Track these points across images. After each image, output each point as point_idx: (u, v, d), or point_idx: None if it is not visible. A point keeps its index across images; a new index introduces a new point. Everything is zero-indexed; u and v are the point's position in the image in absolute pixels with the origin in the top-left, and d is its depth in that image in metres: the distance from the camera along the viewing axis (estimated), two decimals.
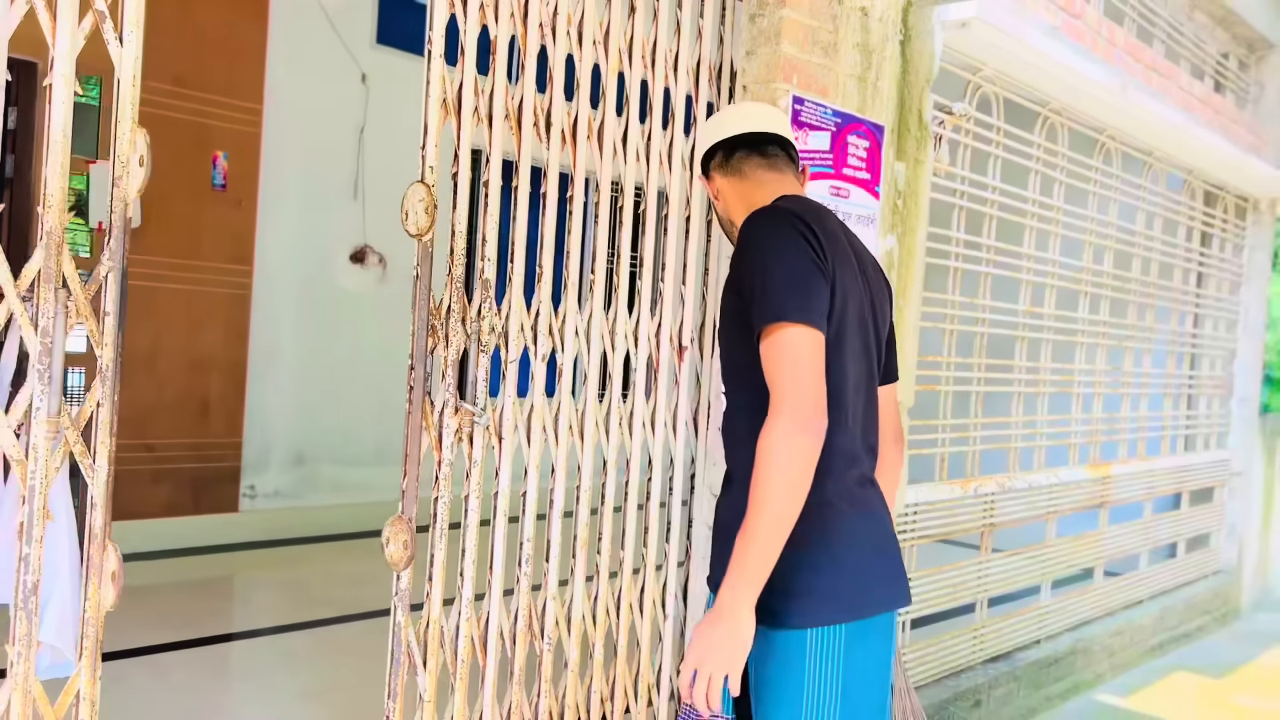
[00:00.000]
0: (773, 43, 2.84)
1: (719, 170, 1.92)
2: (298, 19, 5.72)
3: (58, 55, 1.73)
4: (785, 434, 1.49)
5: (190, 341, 5.37)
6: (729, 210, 1.90)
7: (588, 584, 2.68)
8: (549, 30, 2.50)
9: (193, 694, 3.53)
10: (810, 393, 1.52)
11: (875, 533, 1.70)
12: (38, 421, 1.74)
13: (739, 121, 1.92)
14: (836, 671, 1.61)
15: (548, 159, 2.52)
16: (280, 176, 5.72)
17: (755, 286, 1.58)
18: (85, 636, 1.82)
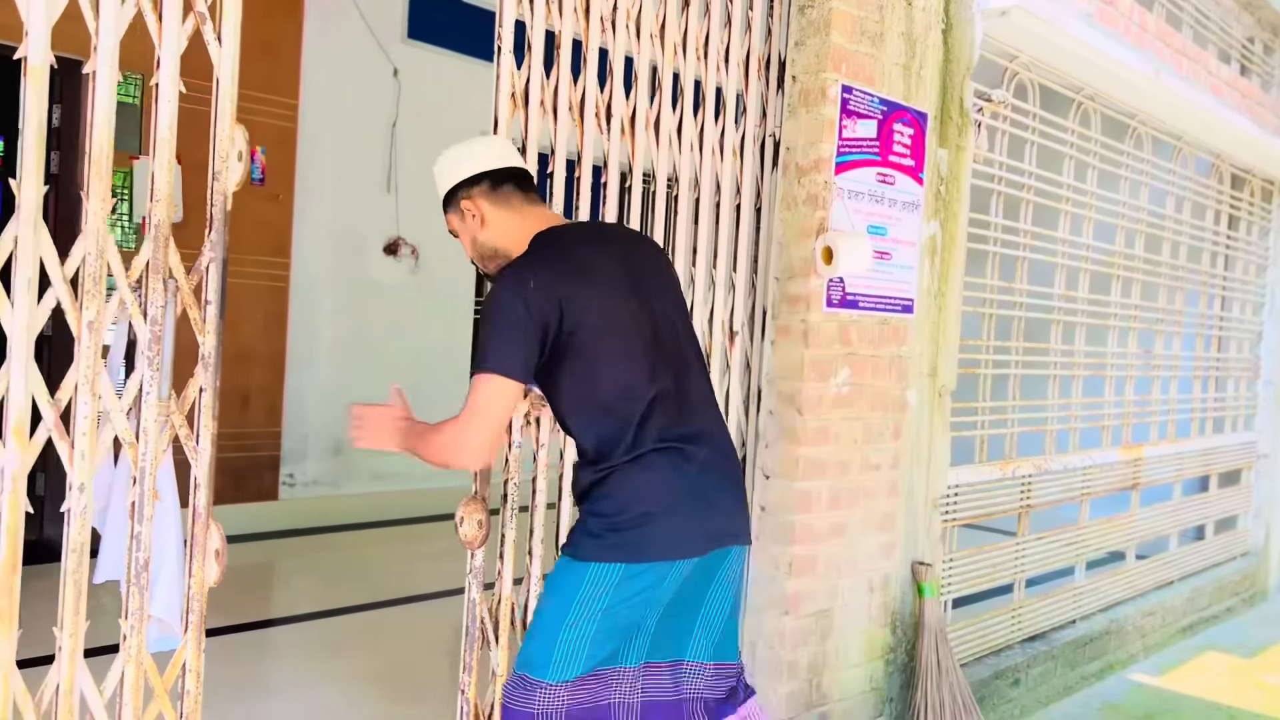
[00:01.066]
0: (822, 33, 2.91)
1: (485, 198, 2.04)
2: (331, 15, 5.79)
3: (164, 55, 1.81)
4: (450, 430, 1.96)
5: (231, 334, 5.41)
6: (494, 238, 2.04)
7: None
8: (609, 25, 2.57)
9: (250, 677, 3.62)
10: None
11: (668, 496, 1.96)
12: (147, 406, 1.82)
13: (498, 155, 2.09)
14: (605, 597, 1.93)
15: (608, 149, 2.59)
16: (316, 170, 5.80)
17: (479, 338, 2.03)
18: (190, 611, 1.91)
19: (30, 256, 1.67)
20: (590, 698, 1.98)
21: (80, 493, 1.75)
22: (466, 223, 2.04)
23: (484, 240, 2.03)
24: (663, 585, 1.98)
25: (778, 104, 3.00)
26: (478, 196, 2.03)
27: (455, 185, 2.03)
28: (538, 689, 1.93)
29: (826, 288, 2.95)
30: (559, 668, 1.93)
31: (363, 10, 5.95)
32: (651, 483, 1.95)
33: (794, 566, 2.93)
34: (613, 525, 1.93)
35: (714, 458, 2.05)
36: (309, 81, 5.71)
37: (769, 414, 3.00)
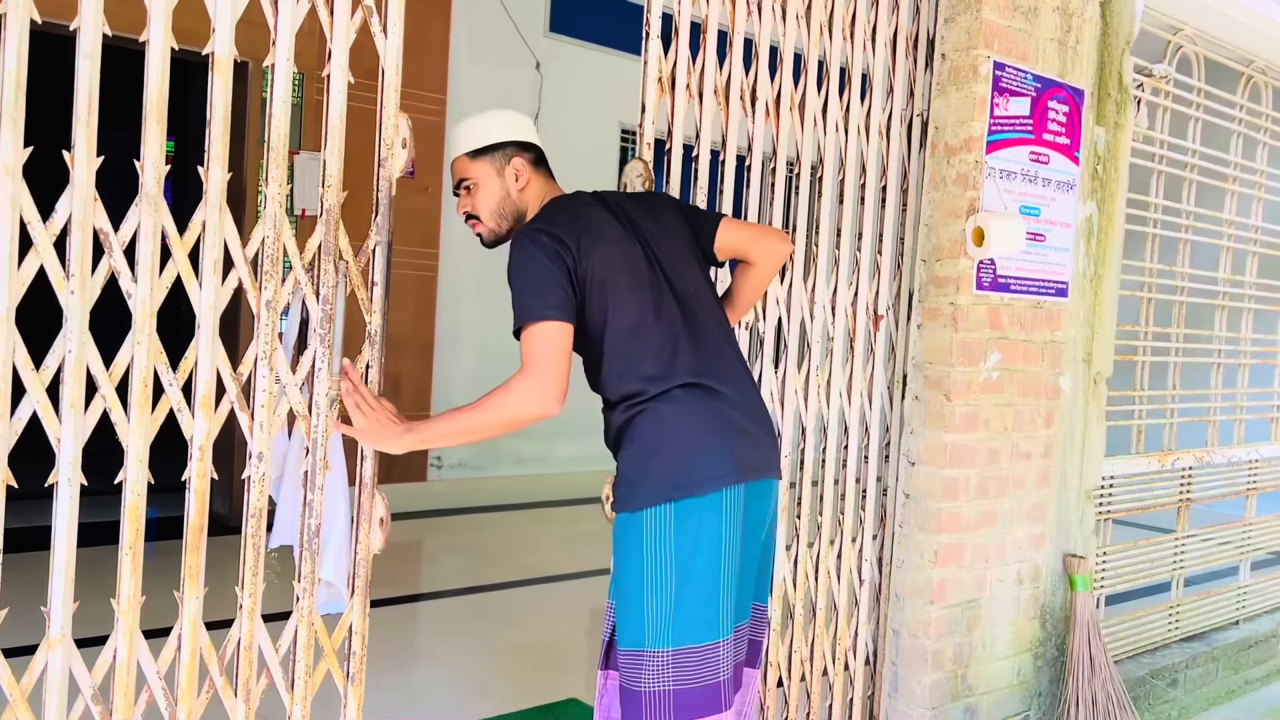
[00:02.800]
0: (973, 10, 2.84)
1: (530, 165, 2.09)
2: (477, 12, 5.96)
3: (335, 48, 1.91)
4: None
5: None
6: (526, 200, 2.08)
7: (786, 551, 2.76)
8: (754, 9, 2.57)
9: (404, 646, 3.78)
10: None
11: (697, 427, 1.96)
12: (319, 381, 1.93)
13: (531, 131, 2.17)
14: (668, 543, 1.91)
15: (752, 132, 2.60)
16: None
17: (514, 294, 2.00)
18: (356, 576, 2.01)
19: (216, 239, 1.79)
20: (696, 677, 1.92)
21: (259, 461, 1.86)
22: (503, 178, 2.06)
23: (515, 201, 2.07)
24: (721, 523, 1.93)
25: (926, 83, 2.94)
26: (527, 161, 2.09)
27: (507, 141, 2.07)
28: (643, 659, 1.91)
29: (977, 270, 2.88)
30: (656, 635, 1.90)
31: (507, 6, 6.10)
32: (680, 417, 1.95)
33: (939, 555, 2.88)
34: (646, 467, 1.94)
35: (740, 393, 2.05)
36: (456, 77, 5.90)
37: (915, 399, 2.96)
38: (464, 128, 2.09)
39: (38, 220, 1.62)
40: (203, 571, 1.82)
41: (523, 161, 2.07)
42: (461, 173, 2.08)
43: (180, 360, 1.77)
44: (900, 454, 2.98)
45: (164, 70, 1.72)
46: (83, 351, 1.67)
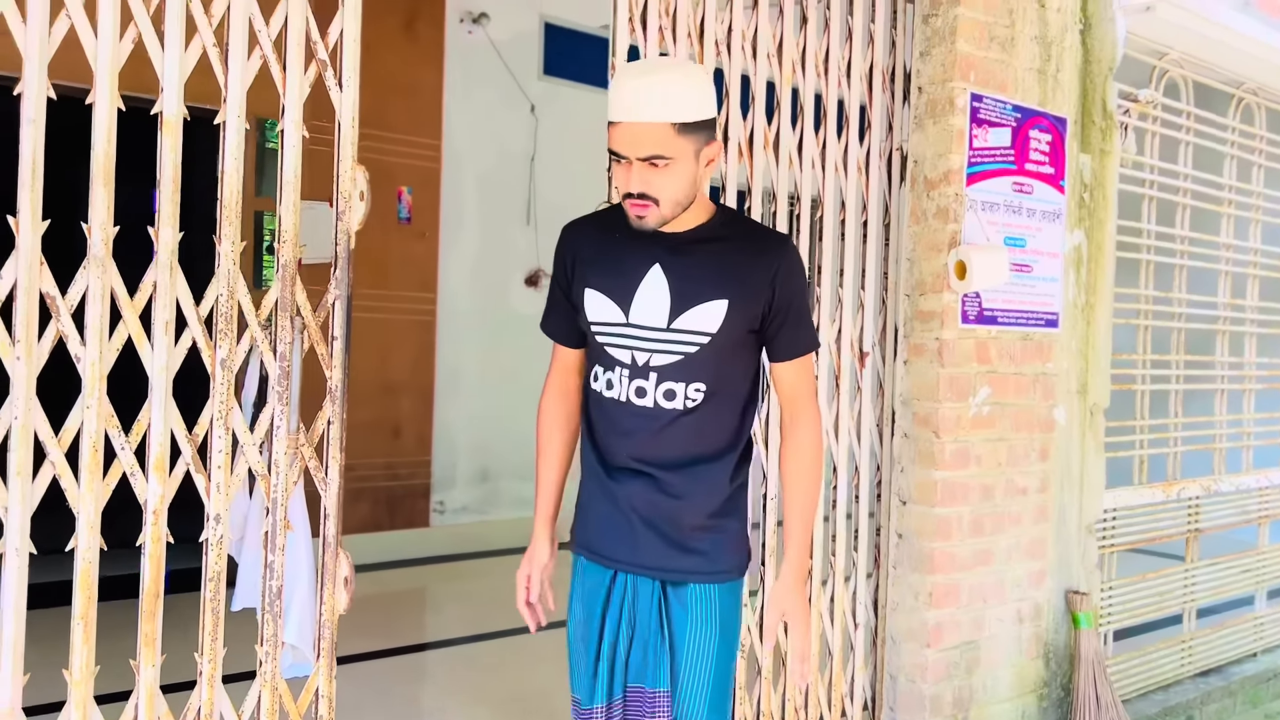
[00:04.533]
0: (948, 42, 2.81)
1: (718, 143, 1.73)
2: (471, 57, 5.99)
3: (288, 102, 1.89)
4: (822, 434, 1.85)
5: (382, 367, 5.67)
6: (701, 189, 1.73)
7: None
8: (723, 47, 2.55)
9: (400, 700, 3.72)
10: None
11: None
12: (278, 439, 1.90)
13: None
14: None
15: (725, 171, 2.57)
16: (458, 206, 5.99)
17: (801, 312, 1.79)
18: (322, 638, 1.97)
19: (168, 299, 1.77)
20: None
21: (216, 523, 1.83)
22: (694, 162, 1.65)
23: (696, 189, 1.70)
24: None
25: (904, 117, 2.92)
26: (715, 139, 1.71)
27: (711, 118, 1.67)
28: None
29: (961, 303, 2.83)
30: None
31: (500, 50, 6.13)
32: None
33: (935, 596, 2.81)
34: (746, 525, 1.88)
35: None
36: (451, 122, 5.91)
37: (904, 437, 2.90)
38: (671, 87, 1.62)
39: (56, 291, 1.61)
40: (159, 639, 1.78)
41: (718, 145, 1.72)
42: (659, 146, 1.61)
43: (134, 422, 1.75)
44: (891, 493, 2.92)
45: (110, 131, 1.71)
46: (29, 418, 1.65)
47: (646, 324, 1.72)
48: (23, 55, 1.64)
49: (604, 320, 1.75)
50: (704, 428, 1.75)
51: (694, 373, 1.72)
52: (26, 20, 1.64)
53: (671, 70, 1.66)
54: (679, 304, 1.71)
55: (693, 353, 1.71)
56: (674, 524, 1.76)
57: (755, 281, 1.72)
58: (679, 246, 1.73)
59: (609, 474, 1.78)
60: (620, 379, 1.75)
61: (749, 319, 1.73)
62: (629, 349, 1.74)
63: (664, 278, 1.72)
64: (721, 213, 1.79)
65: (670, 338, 1.72)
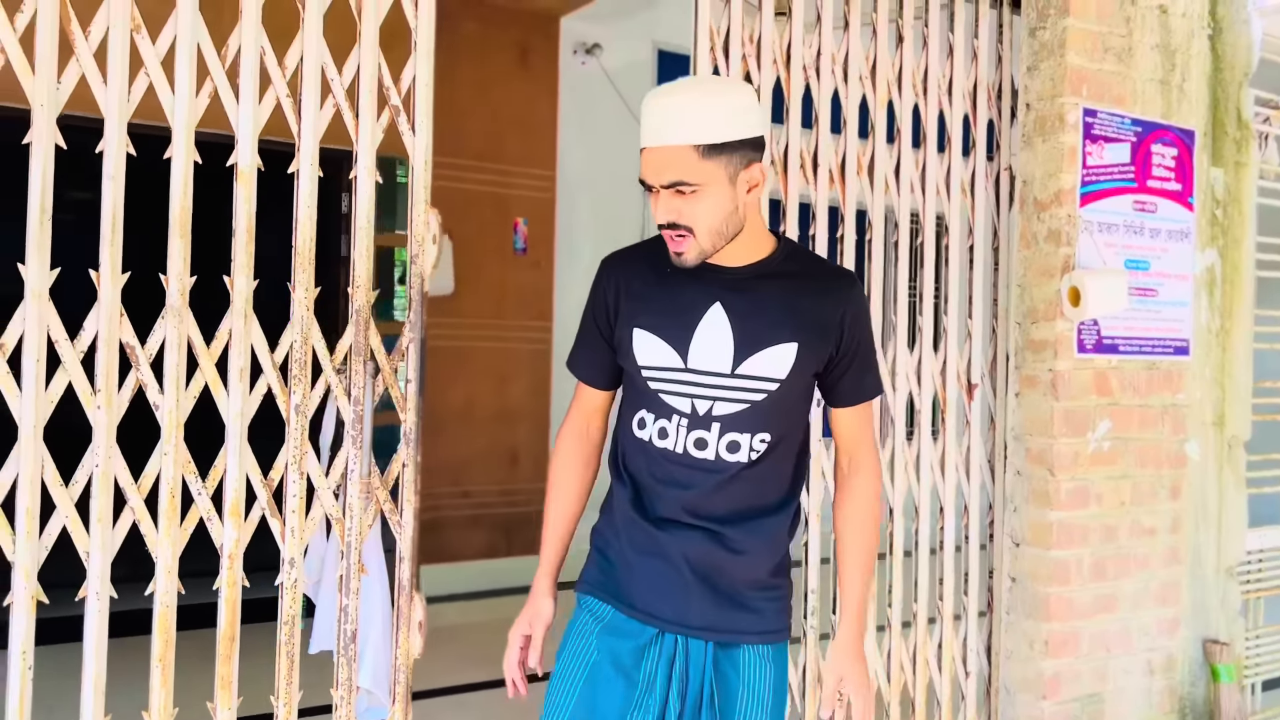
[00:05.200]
0: (1056, 55, 2.65)
1: (761, 166, 1.55)
2: (584, 87, 6.04)
3: (360, 149, 1.91)
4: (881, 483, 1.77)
5: (499, 395, 5.75)
6: (748, 216, 1.56)
7: (879, 635, 2.57)
8: (812, 71, 2.47)
9: None
10: None
11: None
12: (352, 483, 1.91)
13: (764, 117, 1.64)
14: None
15: (815, 199, 2.48)
16: (572, 235, 6.03)
17: (868, 356, 1.67)
18: (396, 682, 1.96)
19: (243, 346, 1.80)
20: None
21: (291, 567, 1.85)
22: (735, 186, 1.50)
23: (741, 215, 1.54)
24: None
25: (1011, 135, 2.76)
26: (762, 164, 1.55)
27: (751, 138, 1.51)
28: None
29: (1077, 331, 2.65)
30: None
31: (614, 78, 6.17)
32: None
33: (1051, 645, 2.63)
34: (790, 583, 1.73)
35: None
36: (565, 152, 5.96)
37: (1016, 474, 2.73)
38: (694, 106, 1.48)
39: (65, 338, 1.67)
40: (235, 682, 1.80)
41: (762, 168, 1.54)
42: (681, 171, 1.47)
43: (210, 468, 1.78)
44: (1003, 533, 2.76)
45: (187, 185, 1.76)
46: (110, 465, 1.70)
47: (708, 369, 1.58)
48: (104, 113, 1.70)
49: (657, 364, 1.60)
50: (766, 480, 1.62)
51: (760, 422, 1.59)
52: (107, 80, 1.70)
53: (696, 88, 1.53)
54: (744, 347, 1.57)
55: (759, 400, 1.57)
56: (733, 581, 1.62)
57: (825, 322, 1.59)
58: (740, 283, 1.59)
59: (657, 525, 1.62)
60: (677, 429, 1.60)
61: (817, 363, 1.60)
62: (688, 396, 1.59)
63: (726, 318, 1.57)
64: (784, 245, 1.65)
65: (735, 384, 1.57)
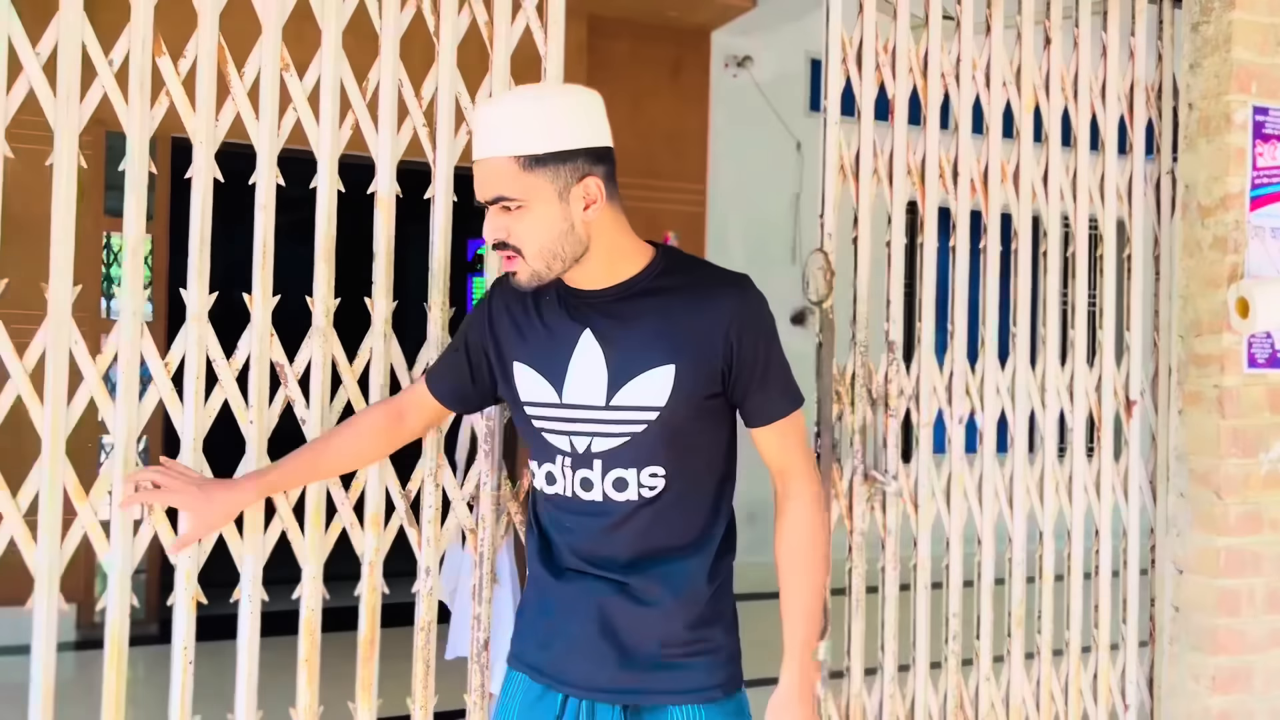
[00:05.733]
0: (1221, 50, 2.49)
1: (606, 182, 1.41)
2: (736, 100, 6.05)
3: None
4: (823, 508, 1.53)
5: None
6: (589, 232, 1.41)
7: (1027, 663, 2.46)
8: (951, 78, 2.40)
9: None
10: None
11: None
12: (485, 495, 1.97)
13: (604, 124, 1.45)
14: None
15: (955, 210, 2.41)
16: (723, 247, 6.04)
17: (773, 368, 1.48)
18: None
19: (382, 364, 1.90)
20: None
21: (427, 575, 1.92)
22: (566, 202, 1.38)
23: (580, 234, 1.40)
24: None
25: (1172, 137, 2.61)
26: (603, 180, 1.40)
27: (580, 149, 1.38)
28: None
29: (1247, 345, 2.48)
30: None
31: (765, 90, 6.15)
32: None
33: (1218, 680, 2.45)
34: (737, 635, 1.56)
35: None
36: (716, 165, 5.99)
37: (1179, 496, 2.57)
38: (514, 115, 1.37)
39: (222, 358, 1.80)
40: (375, 684, 1.90)
41: (598, 182, 1.40)
42: (502, 185, 1.37)
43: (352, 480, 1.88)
44: (1165, 559, 2.59)
45: (331, 213, 1.87)
46: None
47: (583, 402, 1.44)
48: (255, 148, 1.82)
49: (537, 400, 1.48)
50: (670, 518, 1.45)
51: (646, 456, 1.43)
52: (260, 116, 1.82)
53: (521, 96, 1.42)
54: (617, 376, 1.43)
55: (639, 432, 1.42)
56: (644, 637, 1.45)
57: (706, 337, 1.42)
58: (608, 306, 1.45)
59: (559, 577, 1.49)
60: (562, 470, 1.47)
61: (705, 383, 1.43)
62: (566, 434, 1.46)
63: (597, 346, 1.44)
64: (661, 259, 1.48)
65: (610, 417, 1.43)
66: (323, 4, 1.86)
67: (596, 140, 1.40)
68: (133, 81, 1.74)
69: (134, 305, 1.75)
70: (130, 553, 1.74)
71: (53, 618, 1.70)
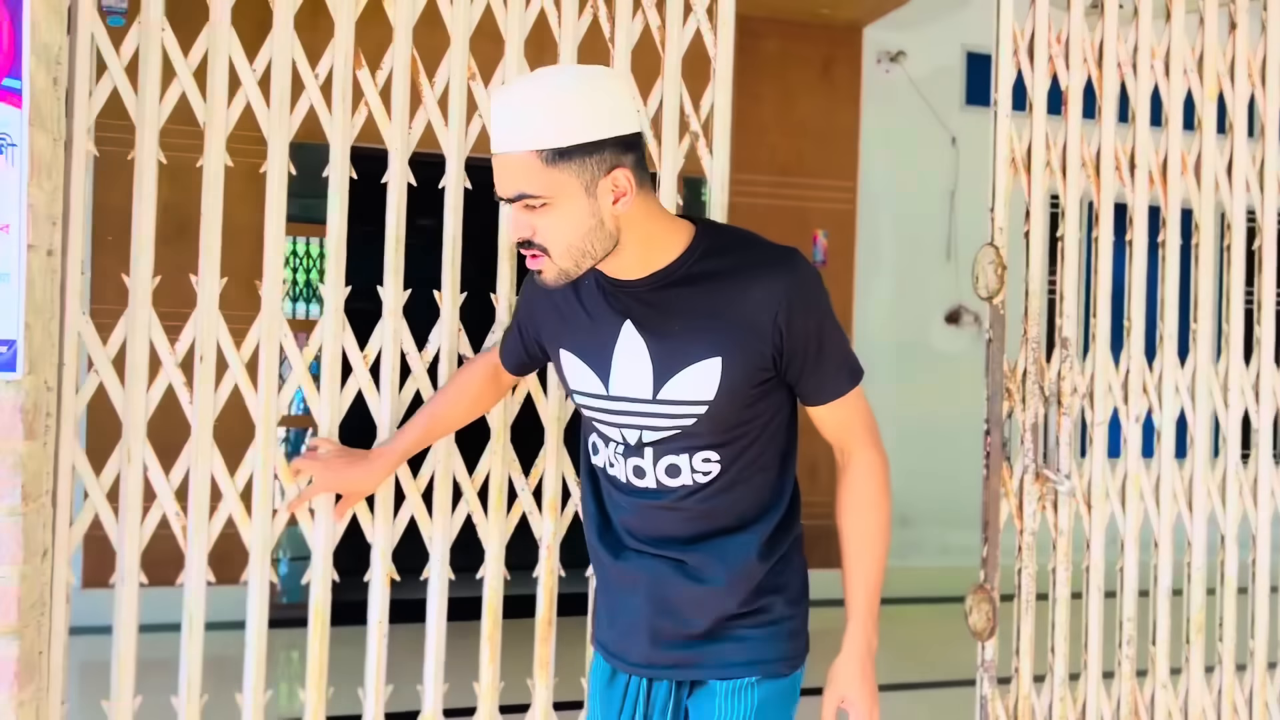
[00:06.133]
0: None
1: (635, 172, 1.31)
2: (888, 95, 5.97)
3: (664, 174, 2.04)
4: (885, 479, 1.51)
5: None
6: (619, 226, 1.32)
7: (1207, 675, 2.37)
8: (1128, 67, 2.33)
9: None
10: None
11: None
12: None
13: (634, 110, 1.36)
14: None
15: (1133, 203, 2.34)
16: (874, 245, 5.98)
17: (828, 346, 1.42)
18: None
19: None
20: None
21: None
22: (594, 197, 1.29)
23: (610, 229, 1.32)
24: None
25: None
26: (631, 168, 1.31)
27: (606, 139, 1.28)
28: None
29: None
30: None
31: (919, 85, 6.06)
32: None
33: None
34: (803, 611, 1.54)
35: None
36: (867, 162, 5.93)
37: None
38: (534, 104, 1.26)
39: (414, 351, 1.91)
40: (552, 661, 1.98)
41: (628, 173, 1.30)
42: (524, 182, 1.28)
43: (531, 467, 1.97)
44: None
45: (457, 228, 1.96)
46: (450, 461, 1.93)
47: (629, 395, 1.40)
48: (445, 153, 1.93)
49: (585, 391, 1.45)
50: (728, 500, 1.43)
51: (698, 442, 1.40)
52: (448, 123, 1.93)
53: (539, 82, 1.28)
54: (662, 370, 1.38)
55: (689, 425, 1.39)
56: (699, 613, 1.44)
57: (752, 324, 1.35)
58: (649, 295, 1.38)
59: (615, 556, 1.49)
60: (615, 457, 1.45)
61: (755, 369, 1.37)
62: (617, 426, 1.43)
63: (639, 338, 1.39)
64: (701, 239, 1.39)
65: (658, 410, 1.39)
66: (507, 17, 1.96)
67: (624, 127, 1.30)
68: (335, 92, 1.87)
69: (335, 301, 1.89)
70: (332, 532, 1.88)
71: (264, 591, 1.85)
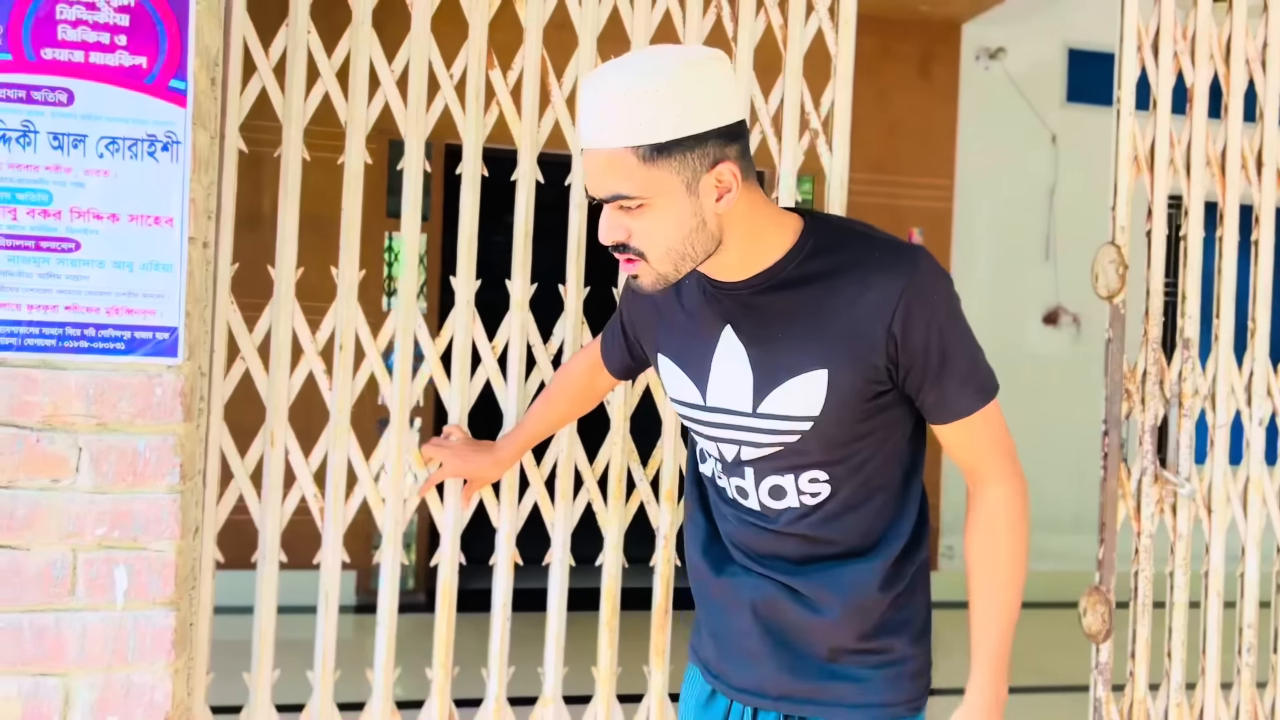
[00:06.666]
0: None
1: (739, 164, 1.18)
2: (986, 93, 5.90)
3: (784, 171, 2.07)
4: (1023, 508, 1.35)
5: None
6: (723, 223, 1.20)
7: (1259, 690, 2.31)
8: (1257, 64, 2.29)
9: None
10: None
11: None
12: None
13: (737, 97, 1.21)
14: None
15: (1259, 202, 2.29)
16: (971, 244, 5.91)
17: (953, 357, 1.25)
18: None
19: None
20: None
21: None
22: (696, 194, 1.17)
23: (713, 229, 1.20)
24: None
25: None
26: (736, 160, 1.18)
27: (709, 131, 1.15)
28: None
29: None
30: None
31: (1018, 82, 5.96)
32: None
33: None
34: (928, 648, 1.41)
35: None
36: (964, 159, 5.85)
37: None
38: (626, 93, 1.13)
39: (540, 343, 1.97)
40: (668, 649, 2.02)
41: (733, 167, 1.18)
42: (620, 182, 1.16)
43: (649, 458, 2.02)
44: None
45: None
46: (572, 450, 1.98)
47: (728, 407, 1.28)
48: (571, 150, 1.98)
49: (682, 400, 1.35)
50: (841, 525, 1.30)
51: (804, 460, 1.26)
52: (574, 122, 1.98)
53: (632, 71, 1.13)
54: (763, 382, 1.25)
55: (793, 442, 1.25)
56: (811, 643, 1.32)
57: (864, 333, 1.21)
58: (751, 299, 1.26)
59: (718, 572, 1.37)
60: (717, 473, 1.35)
61: (867, 385, 1.23)
62: (714, 440, 1.31)
63: (740, 345, 1.27)
64: (811, 235, 1.25)
65: (758, 425, 1.26)
66: (633, 18, 2.00)
67: (728, 116, 1.17)
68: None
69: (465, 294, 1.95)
70: (460, 516, 1.94)
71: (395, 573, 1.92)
